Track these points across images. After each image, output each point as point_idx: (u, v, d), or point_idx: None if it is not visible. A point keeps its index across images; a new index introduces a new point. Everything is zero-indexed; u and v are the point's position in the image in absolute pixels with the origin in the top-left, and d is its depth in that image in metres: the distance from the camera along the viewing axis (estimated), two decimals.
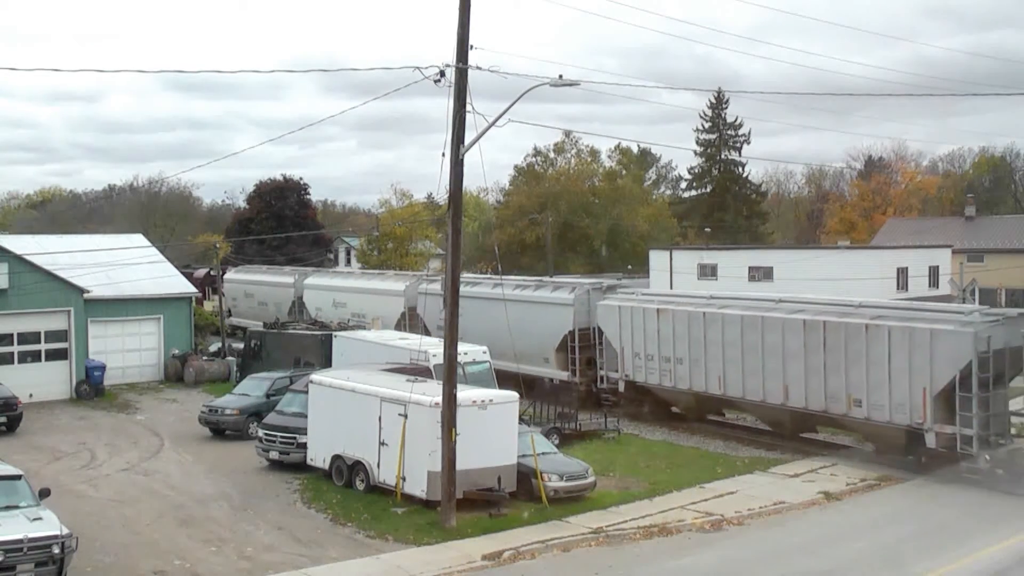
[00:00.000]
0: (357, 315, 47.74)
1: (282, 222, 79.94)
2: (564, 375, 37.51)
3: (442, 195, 23.30)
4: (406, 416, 23.91)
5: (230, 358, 45.61)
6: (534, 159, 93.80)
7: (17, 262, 39.25)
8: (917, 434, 26.79)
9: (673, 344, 33.46)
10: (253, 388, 33.72)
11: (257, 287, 60.25)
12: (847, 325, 28.31)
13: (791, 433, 31.22)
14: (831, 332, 28.64)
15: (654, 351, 34.13)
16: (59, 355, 40.61)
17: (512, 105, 21.84)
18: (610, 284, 39.48)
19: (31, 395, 37.65)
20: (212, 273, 71.81)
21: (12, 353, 39.38)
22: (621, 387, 35.75)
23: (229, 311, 58.84)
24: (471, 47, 21.31)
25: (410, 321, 45.06)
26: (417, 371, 28.22)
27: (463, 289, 40.47)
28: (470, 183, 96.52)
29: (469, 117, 21.75)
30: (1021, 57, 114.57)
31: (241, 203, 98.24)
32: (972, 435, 25.31)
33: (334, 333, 37.85)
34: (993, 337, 25.46)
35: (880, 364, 27.31)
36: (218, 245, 64.48)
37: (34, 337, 40.15)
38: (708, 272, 60.29)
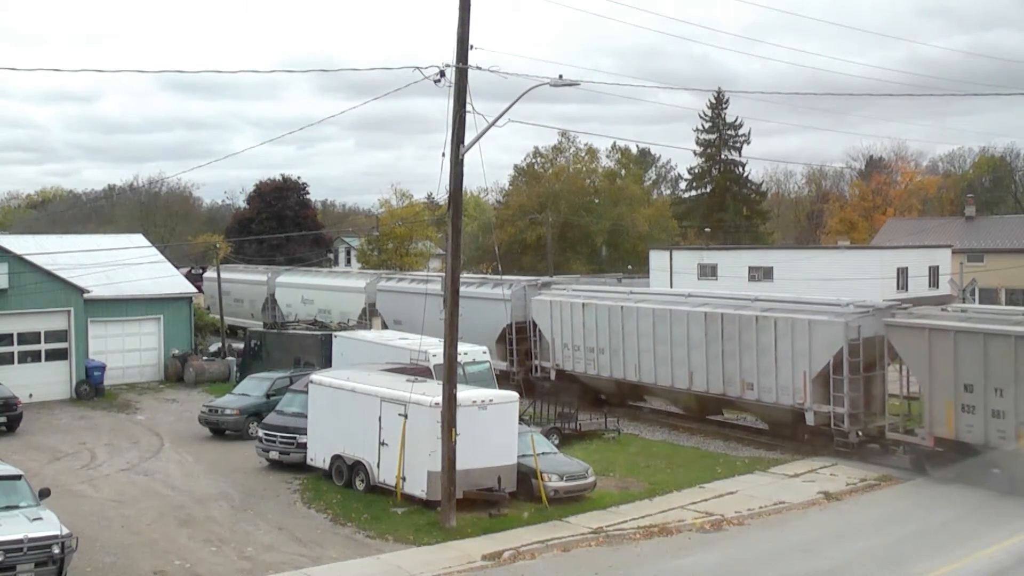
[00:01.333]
0: (323, 311, 51.09)
1: (282, 222, 79.97)
2: (503, 365, 39.39)
3: (442, 195, 23.32)
4: (406, 416, 23.91)
5: (230, 358, 45.61)
6: (534, 160, 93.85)
7: (17, 262, 39.23)
8: (800, 413, 29.99)
9: (596, 335, 36.56)
10: (253, 388, 33.71)
11: (233, 285, 61.18)
12: (740, 317, 31.58)
13: (698, 415, 34.24)
14: (727, 323, 31.85)
15: (580, 342, 37.26)
16: (59, 355, 40.57)
17: (512, 105, 21.86)
18: (545, 281, 42.54)
19: (31, 395, 37.65)
20: (194, 271, 72.49)
21: (12, 353, 39.34)
22: (552, 376, 38.10)
23: (208, 307, 60.01)
24: (471, 47, 21.32)
25: (370, 316, 48.88)
26: (417, 371, 28.23)
27: (414, 286, 45.84)
28: (470, 183, 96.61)
29: (469, 117, 21.77)
30: (1018, 57, 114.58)
31: (241, 203, 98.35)
32: (843, 413, 28.67)
33: (334, 333, 37.90)
34: (863, 327, 28.60)
35: (768, 351, 30.57)
36: (218, 245, 64.50)
37: (34, 337, 40.12)
38: (708, 272, 60.32)
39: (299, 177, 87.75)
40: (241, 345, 45.98)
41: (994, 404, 25.17)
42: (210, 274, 63.43)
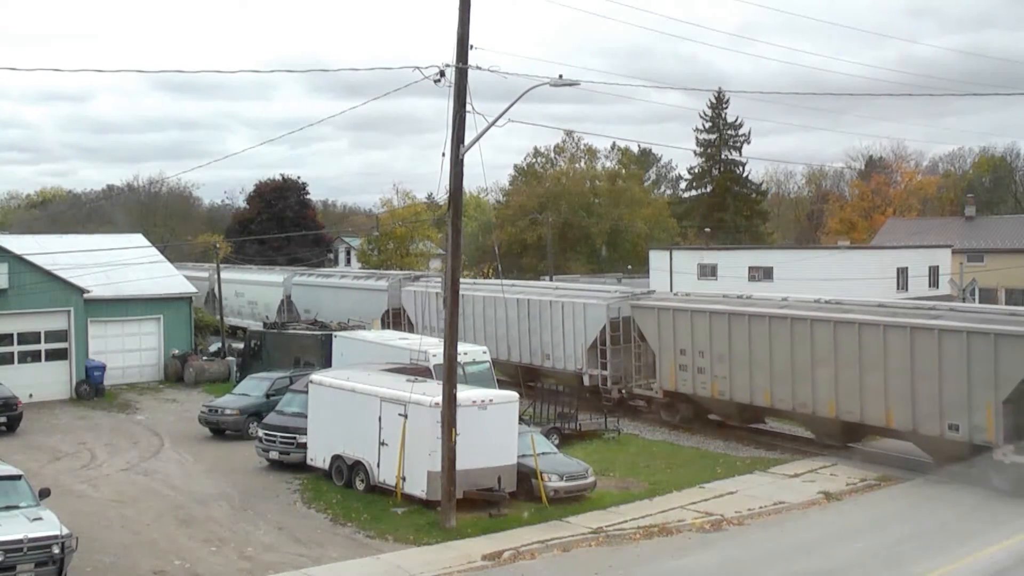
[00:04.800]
0: (251, 302, 60.05)
1: (282, 222, 79.93)
2: None
3: (442, 195, 23.29)
4: (406, 416, 23.91)
5: (230, 358, 45.59)
6: (535, 159, 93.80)
7: (17, 262, 39.22)
8: (580, 376, 36.96)
9: None
10: (253, 388, 33.70)
11: None
12: (540, 302, 39.21)
13: (523, 382, 38.56)
14: (532, 308, 39.38)
15: (437, 324, 42.51)
16: (59, 355, 40.57)
17: (512, 105, 21.84)
18: (416, 275, 51.51)
19: (31, 395, 37.62)
20: None
21: (12, 353, 39.33)
22: None
23: None
24: (471, 47, 21.30)
25: (288, 307, 56.51)
26: (417, 371, 28.21)
27: (320, 280, 55.92)
28: (470, 183, 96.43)
29: (468, 117, 21.73)
30: (1009, 56, 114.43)
31: (241, 203, 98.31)
32: (607, 375, 36.28)
33: (334, 333, 37.92)
34: (622, 308, 36.05)
35: (559, 329, 38.11)
36: (218, 245, 64.44)
37: (34, 337, 40.12)
38: (708, 272, 60.32)
39: (299, 177, 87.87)
40: (240, 345, 46.06)
41: (698, 363, 32.81)
42: None
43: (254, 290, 60.66)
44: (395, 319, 47.52)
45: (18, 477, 19.92)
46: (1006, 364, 25.01)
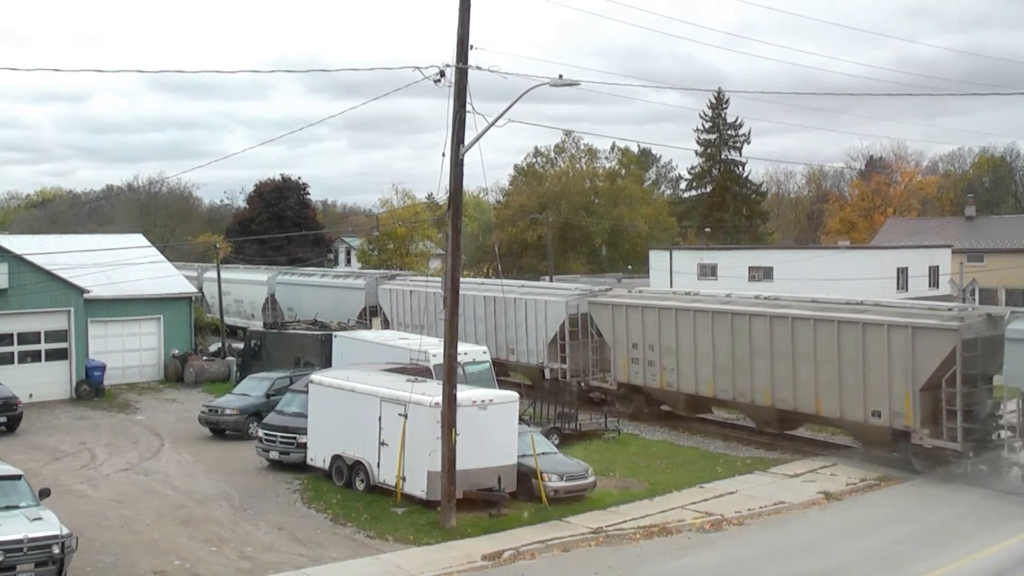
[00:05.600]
0: (237, 300, 61.76)
1: (282, 222, 80.00)
2: None
3: (442, 195, 23.30)
4: (406, 416, 23.91)
5: (230, 358, 45.59)
6: (535, 159, 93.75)
7: (17, 262, 39.20)
8: (542, 370, 38.63)
9: (420, 315, 45.66)
10: (253, 388, 33.70)
11: None
12: (505, 299, 40.29)
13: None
14: (498, 305, 40.63)
15: (410, 321, 46.30)
16: (59, 355, 40.55)
17: (512, 105, 21.83)
18: (393, 274, 53.86)
19: (31, 395, 37.61)
20: None
21: (12, 353, 39.30)
22: None
23: None
24: (471, 47, 21.30)
25: (272, 305, 58.94)
26: (417, 371, 28.22)
27: (302, 279, 58.19)
28: (469, 183, 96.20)
29: (468, 117, 21.72)
30: (1007, 56, 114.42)
31: (241, 203, 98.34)
32: (567, 369, 37.89)
33: (334, 333, 37.95)
34: (580, 305, 37.70)
35: (522, 325, 39.75)
36: (218, 245, 64.50)
37: (34, 337, 40.09)
38: (708, 272, 60.35)
39: (299, 178, 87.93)
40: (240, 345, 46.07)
41: (648, 356, 34.38)
42: None
43: (240, 289, 61.92)
44: (373, 315, 49.92)
45: (18, 477, 19.92)
46: (922, 355, 26.57)
